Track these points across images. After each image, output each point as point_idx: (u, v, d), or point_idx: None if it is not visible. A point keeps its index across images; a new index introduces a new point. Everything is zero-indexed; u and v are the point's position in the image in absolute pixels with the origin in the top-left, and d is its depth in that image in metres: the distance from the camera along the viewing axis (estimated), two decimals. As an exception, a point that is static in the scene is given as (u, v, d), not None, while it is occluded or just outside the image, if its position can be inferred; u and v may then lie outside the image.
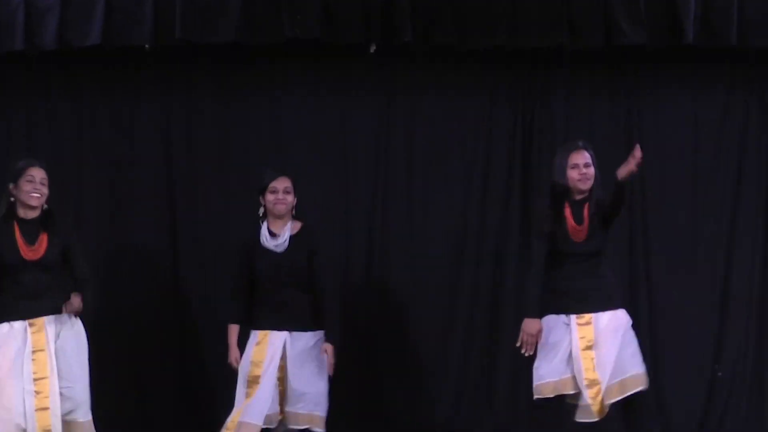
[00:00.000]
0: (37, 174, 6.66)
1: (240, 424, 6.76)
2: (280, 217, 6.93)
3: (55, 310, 6.68)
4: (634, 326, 6.88)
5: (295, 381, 6.87)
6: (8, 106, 8.05)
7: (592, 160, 6.88)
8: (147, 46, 7.56)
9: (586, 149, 6.89)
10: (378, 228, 8.02)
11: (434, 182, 8.07)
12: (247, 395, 6.80)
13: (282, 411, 6.94)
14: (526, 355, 6.83)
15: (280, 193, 6.90)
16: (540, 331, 6.79)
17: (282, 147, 8.10)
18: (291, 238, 6.91)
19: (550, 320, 6.84)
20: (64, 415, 6.64)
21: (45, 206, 6.74)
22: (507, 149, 8.18)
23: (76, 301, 6.64)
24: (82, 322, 6.79)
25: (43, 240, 6.67)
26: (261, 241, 6.93)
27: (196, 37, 7.51)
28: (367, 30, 7.62)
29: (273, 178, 6.92)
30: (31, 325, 6.64)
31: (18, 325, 6.63)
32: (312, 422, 6.86)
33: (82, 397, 6.69)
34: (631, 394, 6.79)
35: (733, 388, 7.91)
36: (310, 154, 8.09)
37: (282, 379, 6.89)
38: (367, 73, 8.07)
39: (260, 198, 6.99)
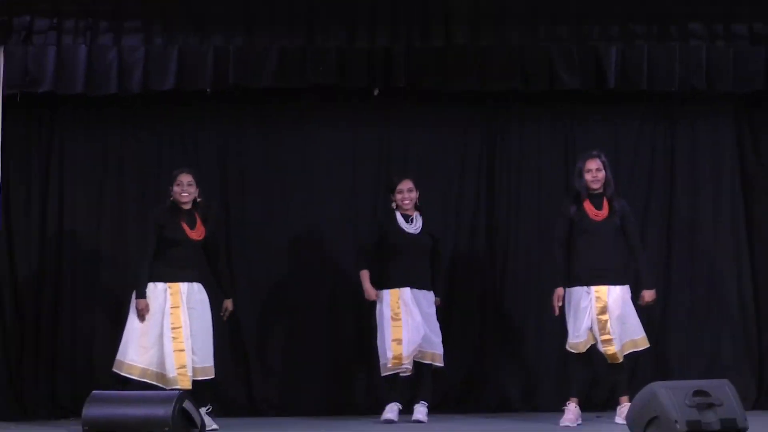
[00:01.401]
0: (185, 179, 7.51)
1: (404, 357, 7.58)
2: (407, 209, 7.82)
3: (190, 279, 7.43)
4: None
5: (424, 327, 7.66)
6: (102, 137, 8.64)
7: (604, 165, 7.49)
8: (208, 89, 8.20)
9: (599, 157, 7.49)
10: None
11: (423, 192, 8.29)
12: (395, 326, 7.60)
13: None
14: (555, 314, 7.55)
15: (405, 192, 7.80)
16: (561, 296, 7.51)
17: (307, 165, 8.68)
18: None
19: (576, 291, 7.52)
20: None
21: (198, 199, 7.51)
22: (476, 167, 8.78)
23: (229, 304, 7.60)
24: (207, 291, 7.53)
25: (200, 226, 7.50)
26: (399, 225, 7.72)
27: (245, 82, 8.17)
28: (372, 77, 8.23)
29: (399, 181, 7.83)
30: (170, 287, 7.41)
31: (160, 285, 7.43)
32: (434, 359, 7.77)
33: (205, 345, 7.44)
34: (639, 351, 7.53)
35: (640, 357, 8.06)
36: (329, 170, 8.68)
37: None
38: (372, 110, 8.66)
39: (390, 196, 7.83)
